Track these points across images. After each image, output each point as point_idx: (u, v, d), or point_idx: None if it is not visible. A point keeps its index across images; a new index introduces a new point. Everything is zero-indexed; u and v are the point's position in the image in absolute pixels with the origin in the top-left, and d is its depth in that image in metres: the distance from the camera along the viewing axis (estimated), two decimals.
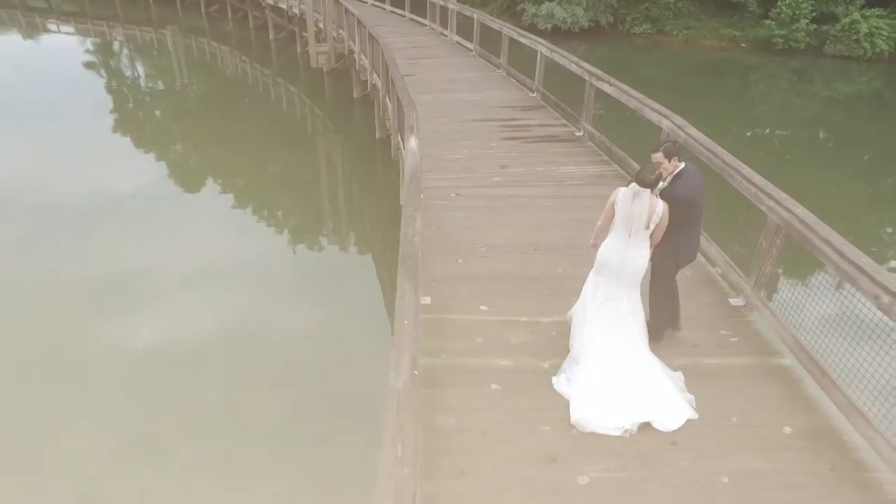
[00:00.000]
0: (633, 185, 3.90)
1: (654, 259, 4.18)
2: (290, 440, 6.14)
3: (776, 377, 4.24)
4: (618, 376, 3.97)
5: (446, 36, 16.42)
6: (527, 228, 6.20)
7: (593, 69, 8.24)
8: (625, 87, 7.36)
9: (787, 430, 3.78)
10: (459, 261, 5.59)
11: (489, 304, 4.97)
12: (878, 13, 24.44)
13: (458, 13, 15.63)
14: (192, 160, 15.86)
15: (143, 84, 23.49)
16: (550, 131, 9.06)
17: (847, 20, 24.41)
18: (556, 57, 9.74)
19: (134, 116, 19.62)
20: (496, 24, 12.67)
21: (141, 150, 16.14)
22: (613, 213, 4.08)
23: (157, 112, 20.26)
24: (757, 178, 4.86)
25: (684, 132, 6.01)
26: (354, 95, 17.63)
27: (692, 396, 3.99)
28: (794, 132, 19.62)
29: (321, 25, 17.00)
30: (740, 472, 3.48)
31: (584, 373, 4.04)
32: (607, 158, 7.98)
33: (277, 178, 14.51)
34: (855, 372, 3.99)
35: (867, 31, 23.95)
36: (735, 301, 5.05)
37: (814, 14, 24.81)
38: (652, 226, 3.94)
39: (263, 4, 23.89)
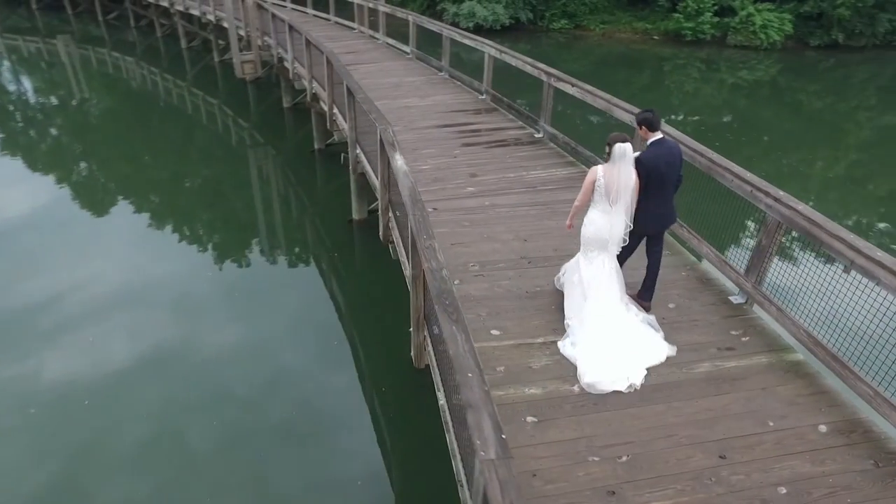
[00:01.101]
0: (617, 147, 4.32)
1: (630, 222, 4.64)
2: (228, 468, 5.90)
3: (795, 374, 4.29)
4: (615, 336, 4.42)
5: (377, 39, 15.96)
6: (514, 240, 6.00)
7: (552, 70, 8.18)
8: (589, 87, 7.33)
9: (823, 428, 3.81)
10: (456, 282, 5.29)
11: (499, 327, 4.72)
12: (769, 7, 26.45)
13: (390, 15, 15.21)
14: (98, 180, 14.58)
15: (32, 99, 21.27)
16: (510, 134, 8.93)
17: (744, 13, 26.24)
18: (507, 58, 9.61)
19: (24, 135, 17.72)
20: (435, 25, 12.39)
21: (37, 172, 14.66)
22: (592, 192, 4.51)
23: (53, 130, 18.37)
24: (750, 176, 4.91)
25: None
26: (285, 105, 16.80)
27: (662, 332, 4.64)
28: (705, 117, 20.88)
29: (242, 33, 16.02)
30: (795, 480, 3.45)
31: (587, 337, 4.43)
32: (573, 160, 7.95)
33: (200, 193, 13.66)
34: (874, 361, 4.09)
35: (761, 23, 25.84)
36: (736, 299, 5.11)
37: (716, 7, 26.47)
38: (629, 194, 4.44)
39: (172, 11, 22.24)
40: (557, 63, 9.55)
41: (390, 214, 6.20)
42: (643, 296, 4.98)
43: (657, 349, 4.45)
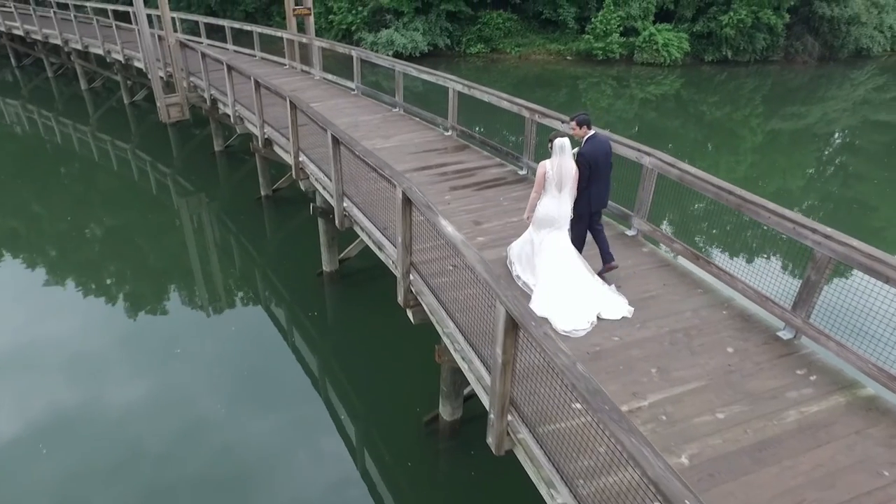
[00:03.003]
0: (558, 141, 5.23)
1: (575, 206, 5.60)
2: None
3: (877, 411, 4.31)
4: (577, 290, 5.31)
5: (312, 75, 15.28)
6: None
7: (534, 106, 8.06)
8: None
9: None
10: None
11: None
12: (667, 27, 28.61)
13: (328, 50, 14.62)
14: None
15: None
16: (493, 174, 8.70)
17: (646, 33, 28.17)
18: (476, 94, 9.43)
19: None
20: (386, 60, 11.99)
21: None
22: (543, 183, 5.38)
23: None
24: (790, 213, 4.97)
25: (678, 168, 6.04)
26: (216, 149, 15.60)
27: (625, 297, 5.50)
28: (619, 129, 22.04)
29: (162, 74, 14.73)
30: None
31: (556, 297, 5.24)
32: None
33: (112, 245, 12.45)
34: None
35: (663, 41, 27.86)
36: (784, 334, 5.13)
37: (621, 28, 28.19)
38: (573, 181, 5.38)
39: (67, 50, 20.12)
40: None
41: (412, 278, 5.70)
42: (606, 259, 5.84)
43: (615, 302, 5.35)
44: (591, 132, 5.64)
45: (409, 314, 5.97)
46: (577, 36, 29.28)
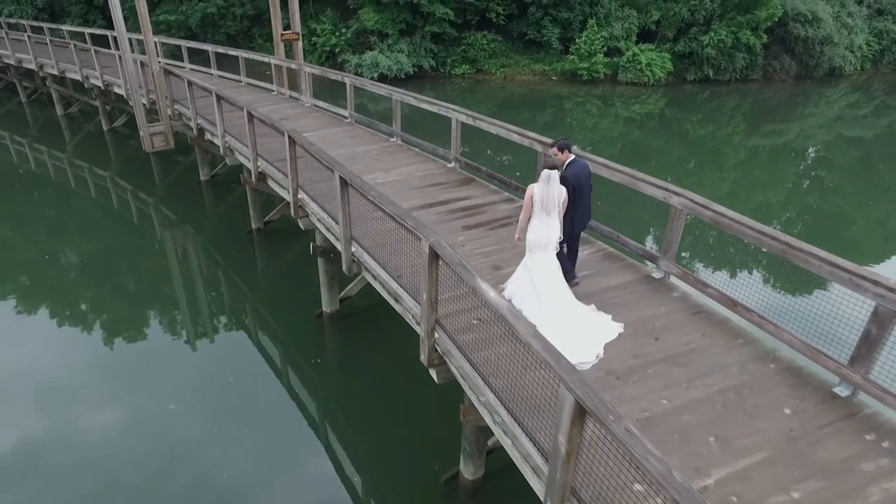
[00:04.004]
0: (545, 172, 5.49)
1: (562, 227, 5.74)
2: None
3: None
4: (578, 320, 5.51)
5: (302, 102, 14.84)
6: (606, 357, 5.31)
7: (547, 140, 7.72)
8: (605, 160, 6.94)
9: None
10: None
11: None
12: (650, 48, 28.93)
13: (319, 76, 14.21)
14: None
15: None
16: (505, 210, 8.31)
17: (630, 53, 28.42)
18: (483, 125, 9.07)
19: None
20: (382, 89, 11.59)
21: None
22: (531, 206, 5.60)
23: None
24: (845, 262, 4.67)
25: (711, 210, 5.74)
26: (202, 178, 14.99)
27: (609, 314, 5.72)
28: (604, 148, 22.23)
29: (145, 101, 14.14)
30: None
31: (560, 330, 5.12)
32: (588, 236, 7.48)
33: (89, 277, 11.79)
34: None
35: (647, 61, 28.13)
36: (841, 391, 4.81)
37: (605, 48, 28.39)
38: (562, 204, 5.63)
39: (42, 75, 19.35)
40: (462, 107, 9.43)
41: (437, 335, 5.25)
42: (570, 277, 6.06)
43: (609, 327, 5.54)
44: (572, 157, 5.94)
45: (433, 374, 5.52)
46: (561, 56, 29.40)
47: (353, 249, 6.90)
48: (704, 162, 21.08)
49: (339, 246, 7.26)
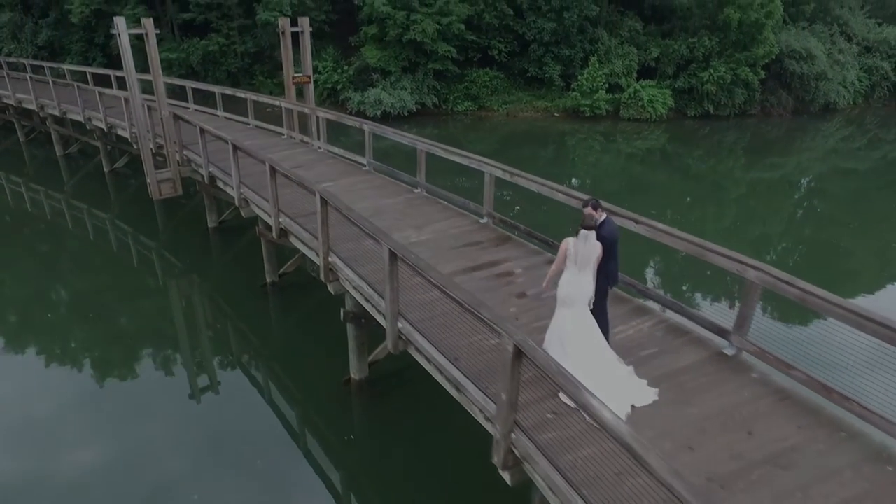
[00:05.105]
0: (582, 231, 5.51)
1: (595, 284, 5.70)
2: None
3: None
4: (608, 378, 5.33)
5: (313, 146, 14.45)
6: (675, 451, 4.80)
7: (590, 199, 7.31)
8: (667, 227, 6.54)
9: None
10: None
11: None
12: (651, 84, 29.18)
13: (334, 122, 13.86)
14: None
15: None
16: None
17: (631, 90, 28.61)
18: (520, 181, 8.69)
19: None
20: (405, 138, 11.22)
21: None
22: (564, 259, 5.61)
23: None
24: (878, 315, 4.27)
25: (797, 288, 5.30)
26: (210, 225, 14.44)
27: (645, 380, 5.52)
28: (607, 184, 22.25)
29: (152, 146, 13.66)
30: None
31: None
32: (643, 302, 7.04)
33: (88, 329, 11.16)
34: None
35: (648, 98, 28.30)
36: None
37: (607, 85, 28.57)
38: (596, 260, 5.59)
39: (42, 115, 18.85)
40: (464, 143, 9.33)
41: (514, 437, 4.72)
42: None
43: (643, 392, 5.39)
44: (604, 215, 6.01)
45: (506, 476, 4.96)
46: (563, 93, 29.53)
47: (399, 326, 6.38)
48: (706, 196, 21.07)
49: (381, 321, 6.73)
